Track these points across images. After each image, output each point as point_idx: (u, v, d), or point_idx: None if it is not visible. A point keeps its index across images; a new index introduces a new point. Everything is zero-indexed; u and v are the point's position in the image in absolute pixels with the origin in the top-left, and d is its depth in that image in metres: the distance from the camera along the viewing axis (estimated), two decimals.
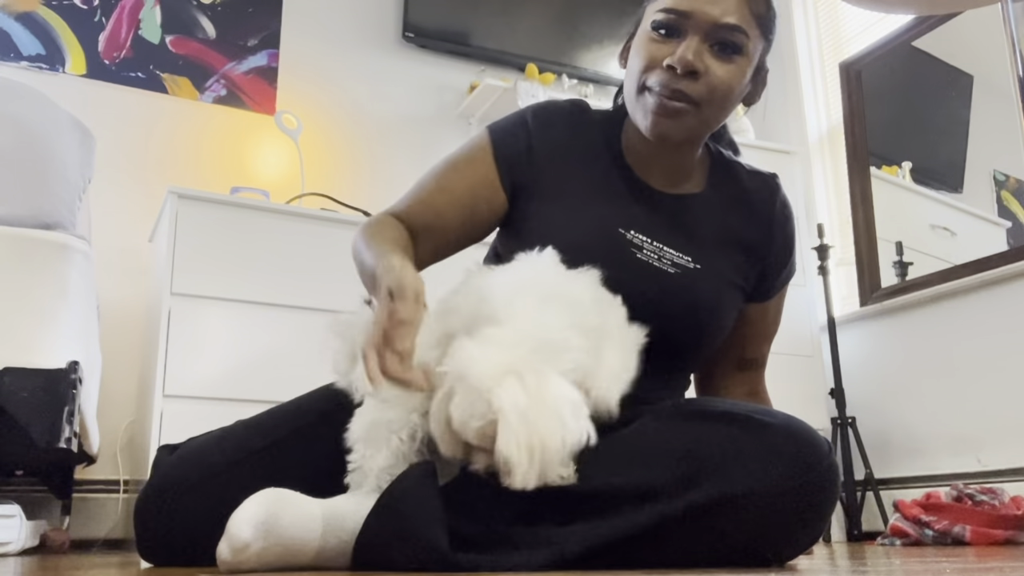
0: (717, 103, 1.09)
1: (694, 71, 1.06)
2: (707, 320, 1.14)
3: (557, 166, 1.16)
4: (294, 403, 1.16)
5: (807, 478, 0.89)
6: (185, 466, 1.05)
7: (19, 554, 1.86)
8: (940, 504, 2.17)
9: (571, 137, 1.18)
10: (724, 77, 1.08)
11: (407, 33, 3.33)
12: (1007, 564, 1.08)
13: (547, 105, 1.22)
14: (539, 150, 1.17)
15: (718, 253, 1.16)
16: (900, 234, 3.00)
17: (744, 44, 1.09)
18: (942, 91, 3.04)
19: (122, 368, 2.61)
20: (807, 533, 0.93)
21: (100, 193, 2.36)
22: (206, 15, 3.07)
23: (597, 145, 1.19)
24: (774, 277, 1.24)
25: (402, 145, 3.28)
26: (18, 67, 2.75)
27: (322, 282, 2.49)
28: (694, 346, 1.16)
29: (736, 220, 1.20)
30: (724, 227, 1.18)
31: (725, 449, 0.90)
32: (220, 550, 0.86)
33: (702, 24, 1.06)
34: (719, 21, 1.06)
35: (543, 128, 1.18)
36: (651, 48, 1.09)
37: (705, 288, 1.13)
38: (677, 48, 1.07)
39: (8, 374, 1.63)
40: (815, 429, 0.94)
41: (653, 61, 1.08)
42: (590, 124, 1.21)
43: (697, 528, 0.89)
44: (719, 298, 1.15)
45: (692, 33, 1.07)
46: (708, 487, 0.88)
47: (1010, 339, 2.55)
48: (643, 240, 1.12)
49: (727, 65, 1.08)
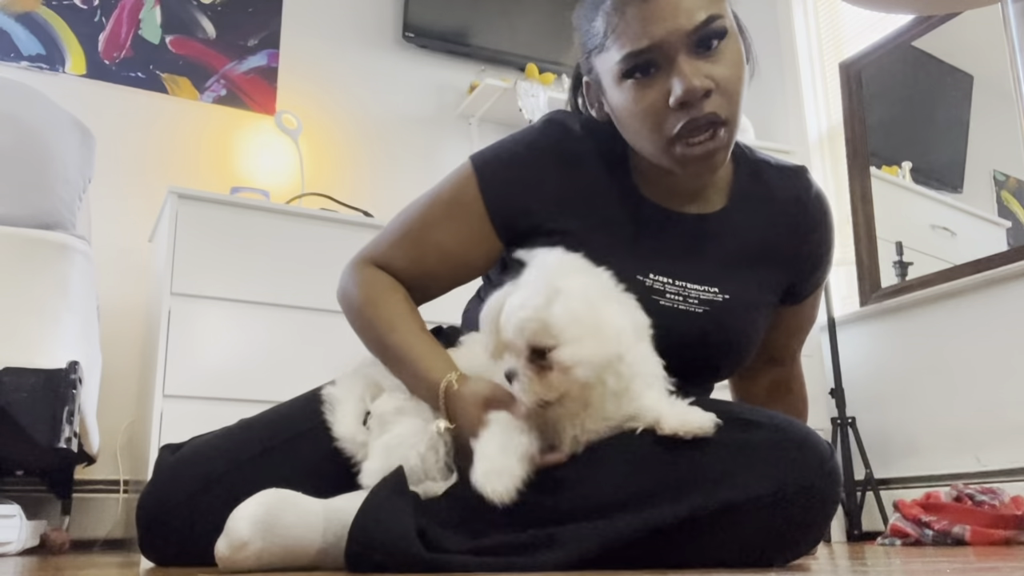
0: (737, 100, 1.00)
1: (707, 92, 0.96)
2: (742, 347, 1.11)
3: (558, 216, 1.06)
4: (294, 403, 1.16)
5: (808, 482, 0.88)
6: (188, 466, 1.05)
7: (19, 554, 1.86)
8: (940, 504, 2.17)
9: (569, 181, 1.06)
10: (729, 72, 0.98)
11: (407, 33, 3.33)
12: (1007, 564, 1.08)
13: (533, 144, 1.08)
14: (534, 203, 1.06)
15: (746, 274, 1.09)
16: (900, 234, 3.00)
17: (724, 24, 0.99)
18: (942, 91, 3.04)
19: (122, 368, 2.61)
20: (809, 537, 0.93)
21: (100, 193, 2.36)
22: (206, 15, 3.07)
23: (600, 181, 1.07)
24: (807, 279, 1.18)
25: (402, 145, 3.28)
26: (18, 67, 2.75)
27: (322, 282, 2.48)
28: (728, 369, 1.16)
29: (765, 230, 1.11)
30: (752, 242, 1.11)
31: (726, 454, 0.89)
32: (218, 547, 0.86)
33: (678, 42, 0.95)
34: (692, 25, 0.95)
35: (536, 176, 1.06)
36: (642, 96, 0.97)
37: (736, 319, 1.08)
38: (670, 80, 0.96)
39: (8, 374, 1.63)
40: (816, 432, 0.94)
41: (657, 108, 0.97)
42: (585, 157, 1.08)
43: (699, 534, 0.88)
44: (752, 324, 1.10)
45: (674, 55, 0.96)
46: (710, 493, 0.87)
47: (1010, 339, 2.55)
48: (664, 282, 1.05)
49: (723, 58, 0.98)
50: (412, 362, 1.03)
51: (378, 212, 2.90)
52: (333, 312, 2.47)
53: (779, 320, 1.18)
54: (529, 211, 1.06)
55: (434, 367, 1.01)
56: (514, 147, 1.08)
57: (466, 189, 1.07)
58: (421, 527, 0.88)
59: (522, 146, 1.07)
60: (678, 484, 0.88)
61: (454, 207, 1.08)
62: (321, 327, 2.46)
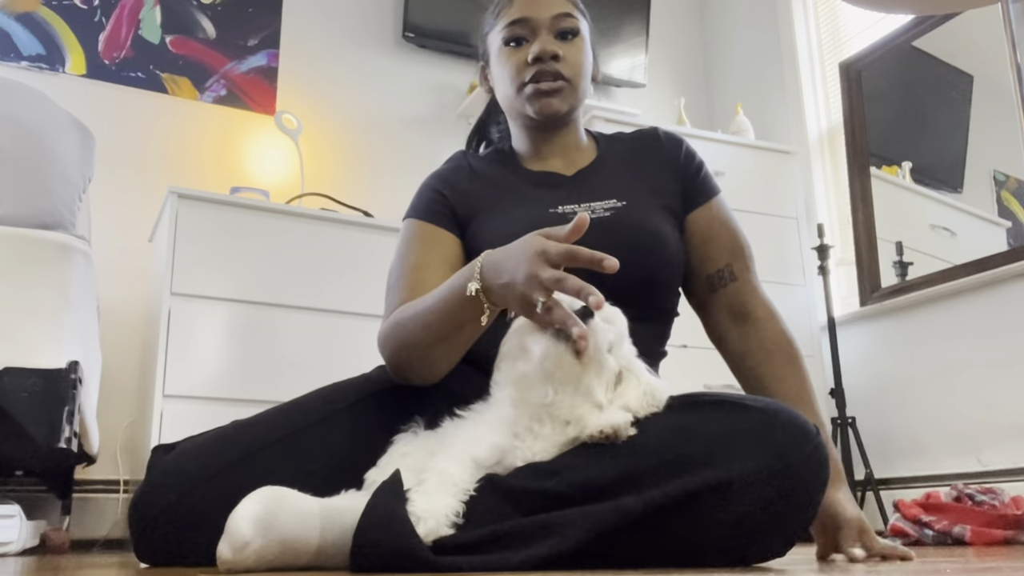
0: (580, 77, 1.30)
1: (554, 55, 1.26)
2: (653, 243, 1.23)
3: (472, 197, 1.30)
4: (291, 404, 1.16)
5: (794, 459, 0.91)
6: (180, 467, 1.05)
7: (19, 554, 1.86)
8: (940, 504, 2.17)
9: (469, 173, 1.34)
10: (576, 56, 1.29)
11: (407, 33, 3.33)
12: (1007, 564, 1.08)
13: (434, 174, 1.37)
14: (452, 194, 1.31)
15: (635, 187, 1.28)
16: (900, 234, 3.00)
17: (578, 26, 1.30)
18: (942, 91, 3.04)
19: (122, 368, 2.61)
20: (798, 516, 0.94)
21: (100, 193, 2.37)
22: (206, 15, 3.07)
23: (493, 167, 1.35)
24: (692, 181, 1.33)
25: (402, 145, 3.28)
26: (18, 67, 2.75)
27: (322, 282, 2.49)
28: (652, 275, 1.21)
29: (635, 160, 1.34)
30: (628, 169, 1.32)
31: (712, 435, 0.92)
32: (221, 549, 0.86)
33: (543, 21, 1.28)
34: (554, 13, 1.28)
35: (444, 181, 1.33)
36: (512, 57, 1.29)
37: (642, 213, 1.25)
38: (532, 46, 1.27)
39: (8, 374, 1.63)
40: (803, 416, 0.97)
41: (519, 64, 1.28)
42: (475, 162, 1.37)
43: (689, 515, 0.90)
44: (655, 219, 1.25)
45: (538, 31, 1.28)
46: (697, 473, 0.89)
47: (1010, 339, 2.55)
48: (572, 208, 1.24)
49: (574, 46, 1.29)
50: (439, 292, 1.08)
51: (378, 212, 2.90)
52: (333, 312, 2.50)
53: (695, 229, 1.31)
54: (455, 207, 1.30)
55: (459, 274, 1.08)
56: (425, 184, 1.36)
57: (413, 228, 1.30)
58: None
59: (429, 180, 1.36)
60: (665, 466, 0.90)
61: (414, 241, 1.29)
62: (321, 327, 2.46)
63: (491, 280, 0.99)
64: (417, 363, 1.13)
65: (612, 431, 0.94)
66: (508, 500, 0.91)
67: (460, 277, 1.05)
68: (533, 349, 0.97)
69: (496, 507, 0.90)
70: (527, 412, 0.99)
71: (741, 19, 3.83)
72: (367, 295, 2.48)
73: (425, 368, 1.13)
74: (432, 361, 1.12)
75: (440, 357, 1.11)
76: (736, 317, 1.28)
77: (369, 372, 1.24)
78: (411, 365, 1.14)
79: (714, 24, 4.01)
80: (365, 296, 2.48)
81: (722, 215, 1.33)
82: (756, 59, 3.70)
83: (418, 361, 1.13)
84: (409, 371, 1.15)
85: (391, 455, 1.05)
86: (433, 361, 1.12)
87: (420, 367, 1.13)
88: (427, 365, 1.13)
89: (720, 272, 1.30)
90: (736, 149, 3.17)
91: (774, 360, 1.22)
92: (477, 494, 0.90)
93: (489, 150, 1.44)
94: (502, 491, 0.91)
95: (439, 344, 1.09)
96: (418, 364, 1.13)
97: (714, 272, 1.30)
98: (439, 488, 0.90)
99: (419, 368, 1.14)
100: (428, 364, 1.12)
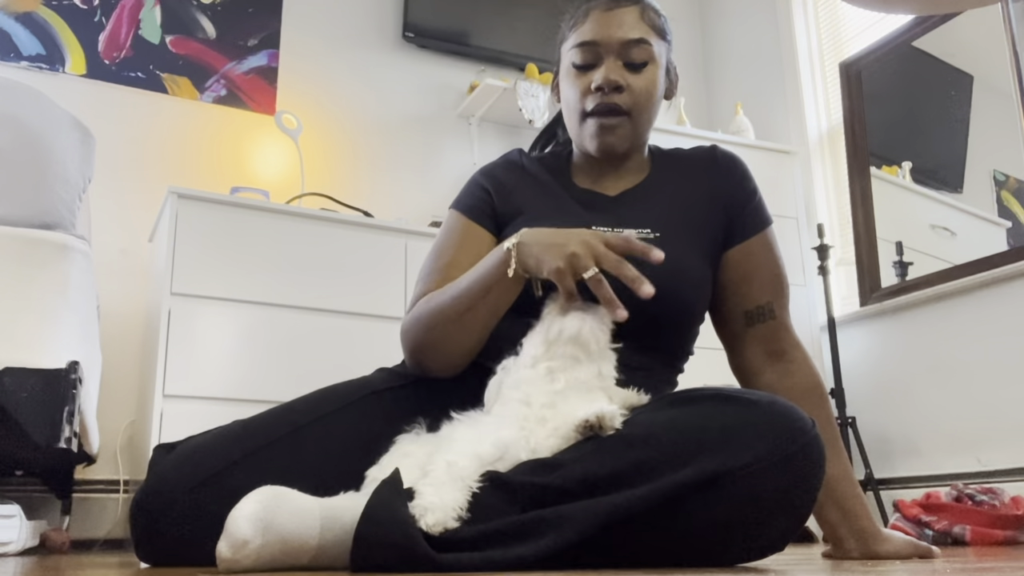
0: (644, 108, 1.26)
1: (618, 86, 1.23)
2: (675, 285, 1.18)
3: (516, 197, 1.30)
4: (292, 404, 1.16)
5: (791, 451, 0.92)
6: (182, 466, 1.05)
7: (19, 554, 1.86)
8: (940, 504, 2.17)
9: (520, 174, 1.34)
10: (643, 86, 1.24)
11: (407, 33, 3.33)
12: (1007, 564, 1.08)
13: (484, 170, 1.37)
14: (496, 192, 1.31)
15: (675, 218, 1.25)
16: (900, 234, 3.00)
17: (651, 53, 1.25)
18: (942, 91, 3.04)
19: (122, 368, 2.62)
20: (796, 508, 0.95)
21: (100, 193, 2.37)
22: (206, 15, 3.07)
23: (544, 173, 1.33)
24: (740, 213, 1.29)
25: (402, 145, 3.28)
26: (18, 67, 2.75)
27: (322, 282, 2.49)
28: (666, 316, 1.18)
29: (683, 183, 1.30)
30: (674, 194, 1.28)
31: (711, 428, 0.93)
32: (220, 548, 0.86)
33: (612, 46, 1.23)
34: (625, 38, 1.23)
35: (492, 178, 1.33)
36: (577, 81, 1.26)
37: (669, 252, 1.17)
38: (595, 75, 1.24)
39: (8, 374, 1.63)
40: (801, 409, 0.98)
41: (583, 89, 1.25)
42: (528, 165, 1.35)
43: (689, 506, 0.90)
44: (685, 259, 1.21)
45: (606, 57, 1.24)
46: (697, 465, 0.90)
47: (1010, 339, 2.55)
48: (604, 231, 1.20)
49: (643, 75, 1.24)
50: (471, 274, 1.12)
51: (378, 212, 2.90)
52: (333, 312, 2.50)
53: (733, 263, 1.27)
54: (496, 206, 1.31)
55: (491, 254, 1.11)
56: (473, 178, 1.37)
57: (456, 222, 1.31)
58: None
59: (478, 175, 1.36)
60: (665, 459, 0.91)
61: (454, 235, 1.30)
62: (321, 327, 2.46)
63: (531, 240, 1.06)
64: (440, 341, 1.14)
65: (597, 420, 0.95)
66: (509, 496, 0.91)
67: (496, 250, 1.10)
68: (576, 315, 1.03)
69: (497, 503, 0.91)
70: (553, 374, 1.02)
71: (741, 19, 3.83)
72: (367, 295, 2.48)
73: (445, 347, 1.14)
74: (454, 339, 1.13)
75: (463, 334, 1.13)
76: (771, 355, 1.27)
77: (370, 374, 1.24)
78: (433, 345, 1.15)
79: (714, 24, 4.01)
80: (365, 296, 2.48)
81: (768, 250, 1.30)
82: (756, 59, 3.70)
83: (441, 339, 1.14)
84: (430, 352, 1.16)
85: (392, 455, 1.05)
86: (454, 339, 1.13)
87: (442, 346, 1.15)
88: (448, 344, 1.14)
89: (760, 309, 1.28)
90: (736, 149, 3.15)
91: (807, 403, 1.19)
92: (479, 490, 0.91)
93: (547, 152, 1.42)
94: (504, 487, 0.92)
95: (465, 315, 1.11)
96: (441, 343, 1.14)
97: (753, 308, 1.28)
98: (447, 481, 0.91)
99: (441, 347, 1.15)
100: (449, 343, 1.14)
